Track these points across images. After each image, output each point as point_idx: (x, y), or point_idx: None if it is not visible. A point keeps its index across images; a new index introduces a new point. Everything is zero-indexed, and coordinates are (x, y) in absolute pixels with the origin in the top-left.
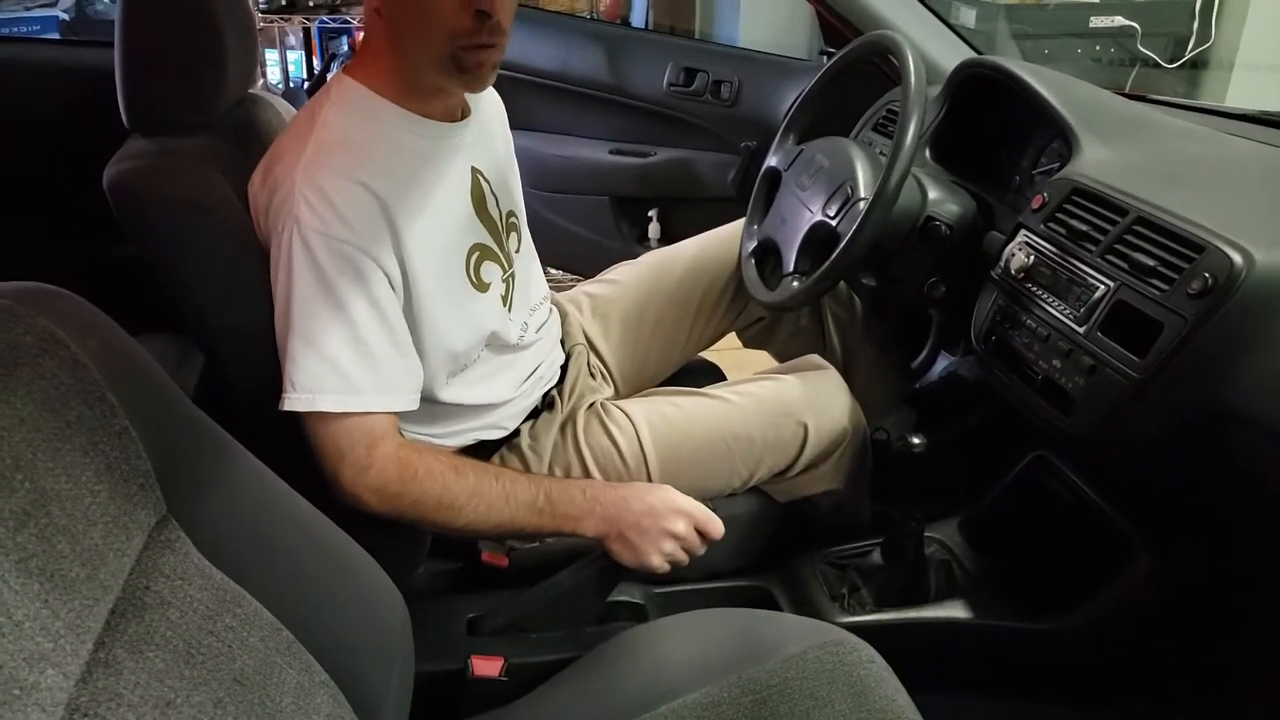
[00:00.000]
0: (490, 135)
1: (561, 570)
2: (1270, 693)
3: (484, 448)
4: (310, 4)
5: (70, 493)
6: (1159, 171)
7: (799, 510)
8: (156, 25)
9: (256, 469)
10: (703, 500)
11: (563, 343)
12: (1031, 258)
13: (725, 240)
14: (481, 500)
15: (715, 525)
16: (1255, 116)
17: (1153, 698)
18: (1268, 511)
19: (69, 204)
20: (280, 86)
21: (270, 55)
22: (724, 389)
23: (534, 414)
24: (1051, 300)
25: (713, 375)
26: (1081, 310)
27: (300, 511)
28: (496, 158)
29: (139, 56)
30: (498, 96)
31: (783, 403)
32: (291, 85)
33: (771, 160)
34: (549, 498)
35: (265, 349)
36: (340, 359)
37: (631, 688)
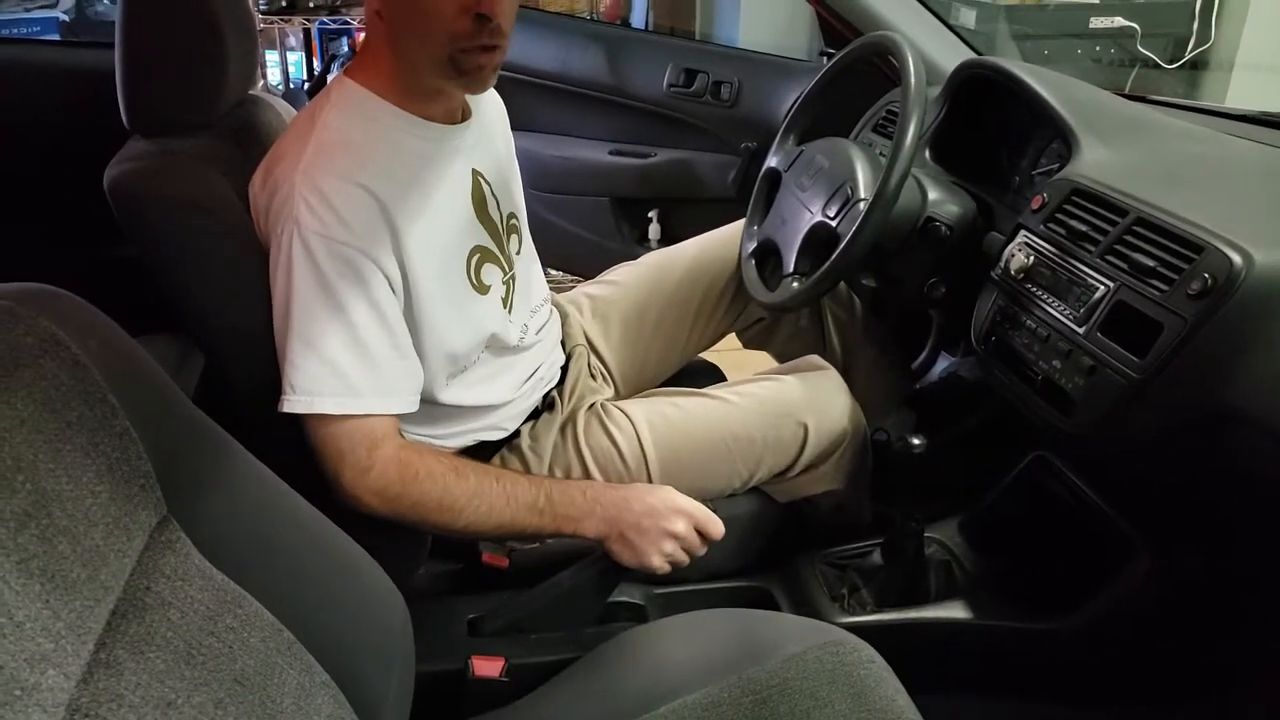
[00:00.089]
0: (491, 137)
1: (562, 571)
2: (1270, 693)
3: (484, 449)
4: (310, 5)
5: (71, 494)
6: (1159, 172)
7: (799, 510)
8: (157, 26)
9: (257, 470)
10: (703, 501)
11: (563, 344)
12: (1031, 258)
13: (725, 241)
14: (482, 501)
15: (715, 525)
16: (1255, 117)
17: (1153, 698)
18: (1268, 511)
19: (69, 205)
20: (280, 88)
21: (270, 56)
22: (724, 389)
23: (534, 415)
24: (1051, 301)
25: (713, 376)
26: (1081, 311)
27: (300, 512)
28: (497, 159)
29: (139, 57)
30: (499, 98)
31: (783, 403)
32: (291, 86)
33: (771, 161)
34: (549, 499)
35: (265, 349)
36: (340, 361)
37: (632, 688)
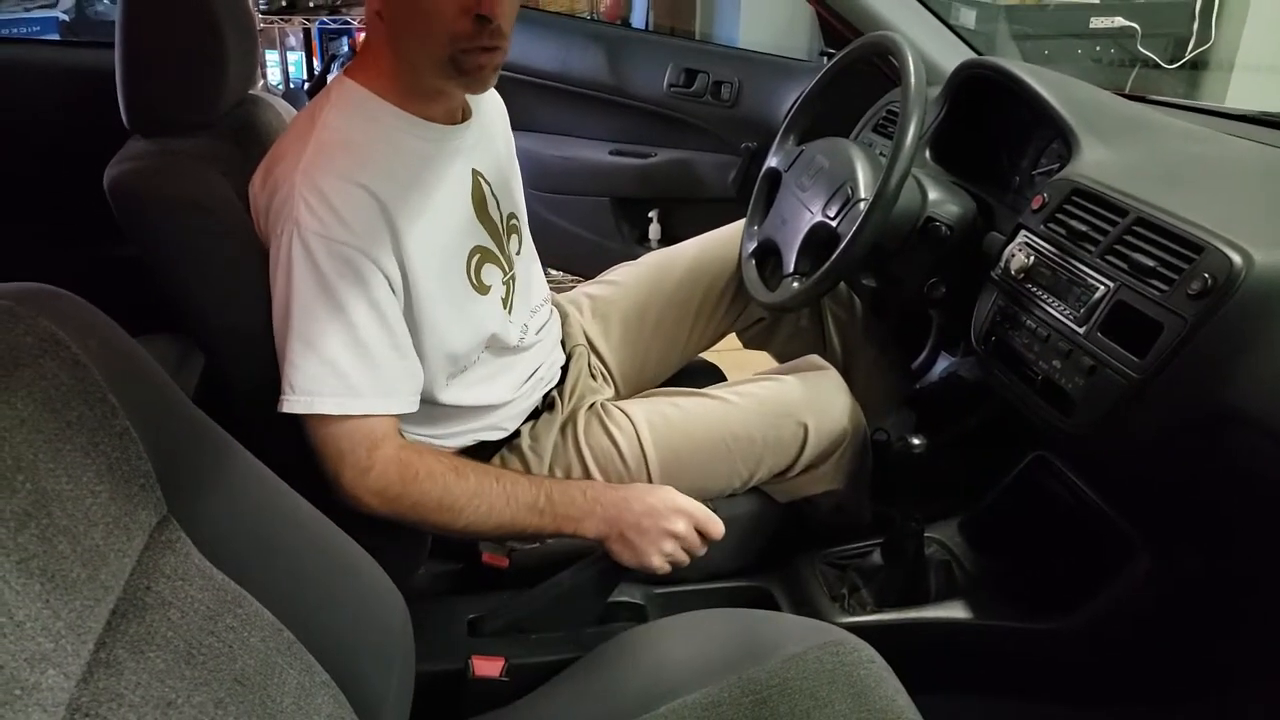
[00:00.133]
0: (491, 137)
1: (562, 571)
2: (1270, 693)
3: (484, 449)
4: (310, 5)
5: (71, 493)
6: (1159, 172)
7: (799, 510)
8: (157, 26)
9: (257, 469)
10: (703, 500)
11: (563, 344)
12: (1031, 258)
13: (725, 241)
14: (482, 501)
15: (715, 525)
16: (1255, 117)
17: (1153, 698)
18: (1268, 511)
19: (69, 205)
20: (280, 87)
21: (270, 56)
22: (724, 389)
23: (534, 415)
24: (1051, 301)
25: (713, 376)
26: (1081, 311)
27: (301, 512)
28: (498, 159)
29: (139, 57)
30: (499, 98)
31: (783, 403)
32: (291, 86)
33: (772, 161)
34: (549, 498)
35: (265, 349)
36: (340, 361)
37: (632, 688)
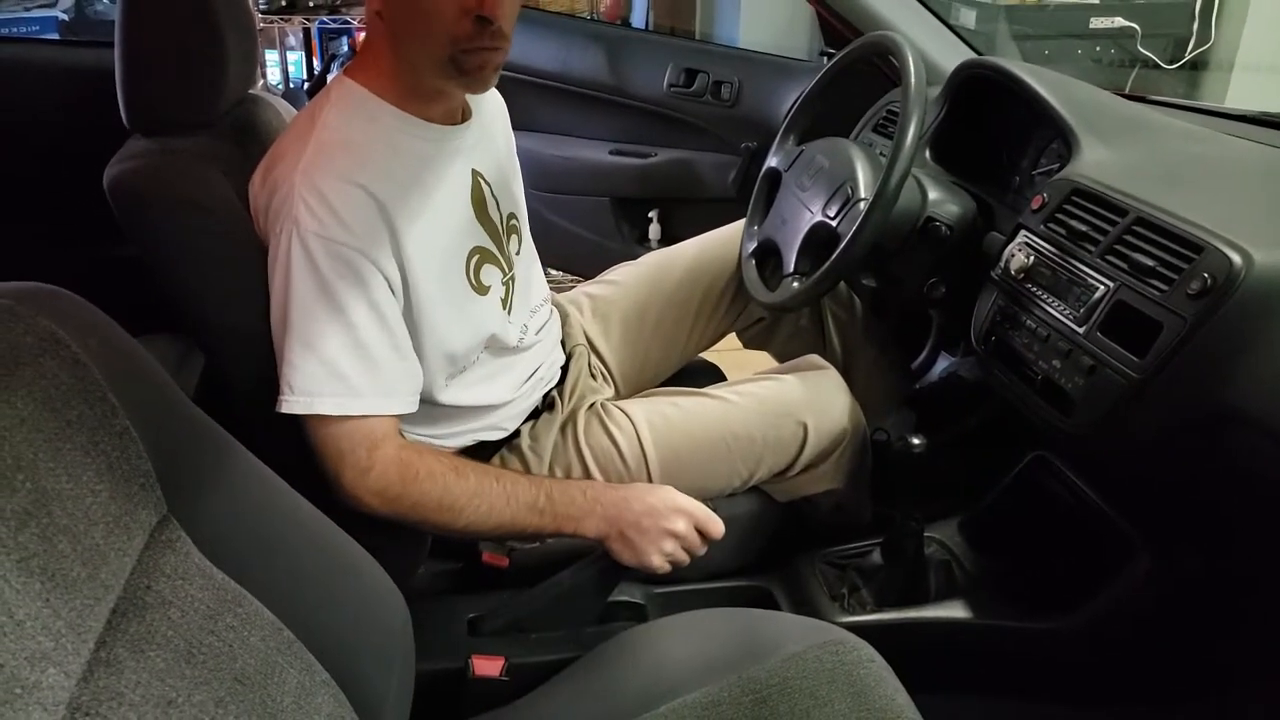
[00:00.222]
0: (492, 137)
1: (562, 570)
2: (1270, 693)
3: (484, 449)
4: (310, 4)
5: (71, 492)
6: (1159, 172)
7: (799, 510)
8: (157, 25)
9: (257, 469)
10: (703, 500)
11: (563, 344)
12: (1031, 258)
13: (725, 241)
14: (482, 501)
15: (715, 525)
16: (1255, 117)
17: (1153, 698)
18: (1268, 511)
19: (69, 204)
20: (280, 87)
21: (270, 56)
22: (724, 389)
23: (534, 415)
24: (1051, 300)
25: (713, 376)
26: (1081, 310)
27: (301, 511)
28: (498, 160)
29: (139, 56)
30: (500, 98)
31: (783, 402)
32: (291, 86)
33: (772, 161)
34: (550, 498)
35: (265, 349)
36: (339, 362)
37: (632, 687)
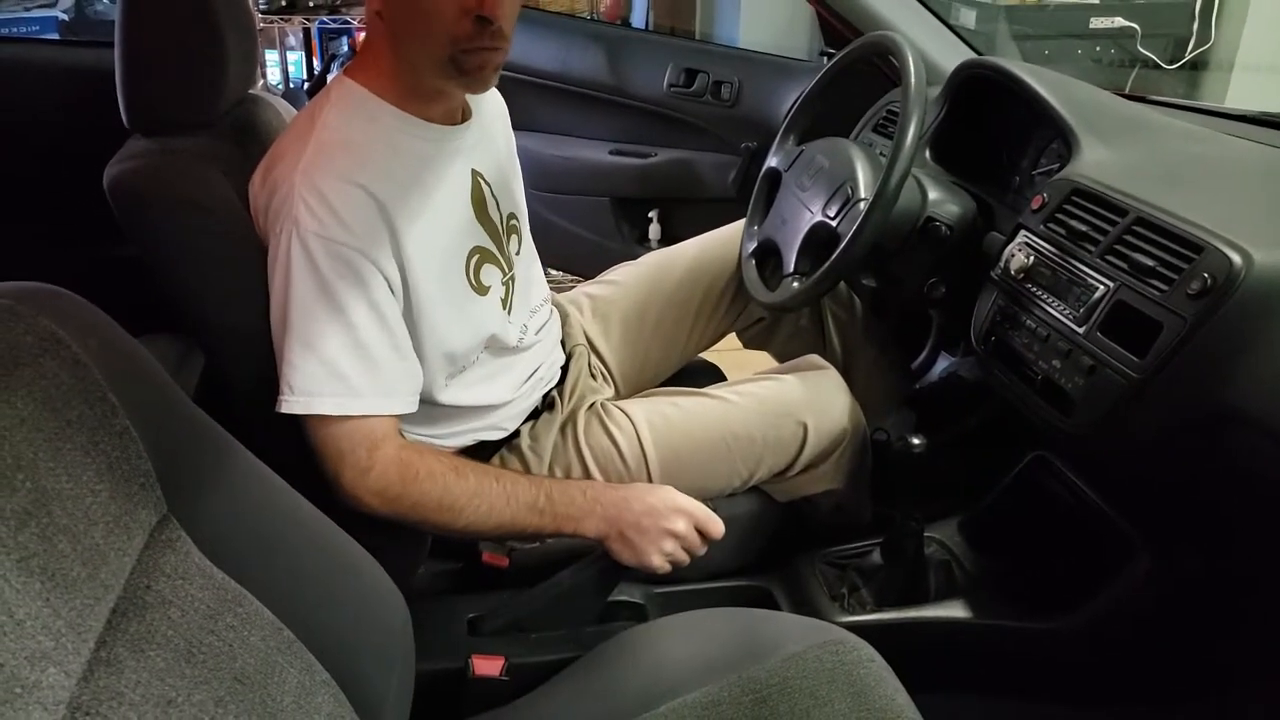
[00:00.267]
0: (492, 137)
1: (562, 570)
2: (1270, 693)
3: (484, 448)
4: (310, 4)
5: (71, 492)
6: (1159, 172)
7: (799, 510)
8: (157, 25)
9: (257, 469)
10: (703, 500)
11: (563, 344)
12: (1031, 258)
13: (725, 241)
14: (482, 501)
15: (715, 525)
16: (1255, 117)
17: (1153, 698)
18: (1268, 511)
19: (69, 204)
20: (280, 87)
21: (270, 56)
22: (724, 389)
23: (534, 415)
24: (1051, 300)
25: (713, 376)
26: (1081, 310)
27: (301, 511)
28: (498, 160)
29: (139, 56)
30: (500, 98)
31: (783, 402)
32: (291, 86)
33: (772, 161)
34: (549, 498)
35: (266, 349)
36: (339, 362)
37: (632, 687)
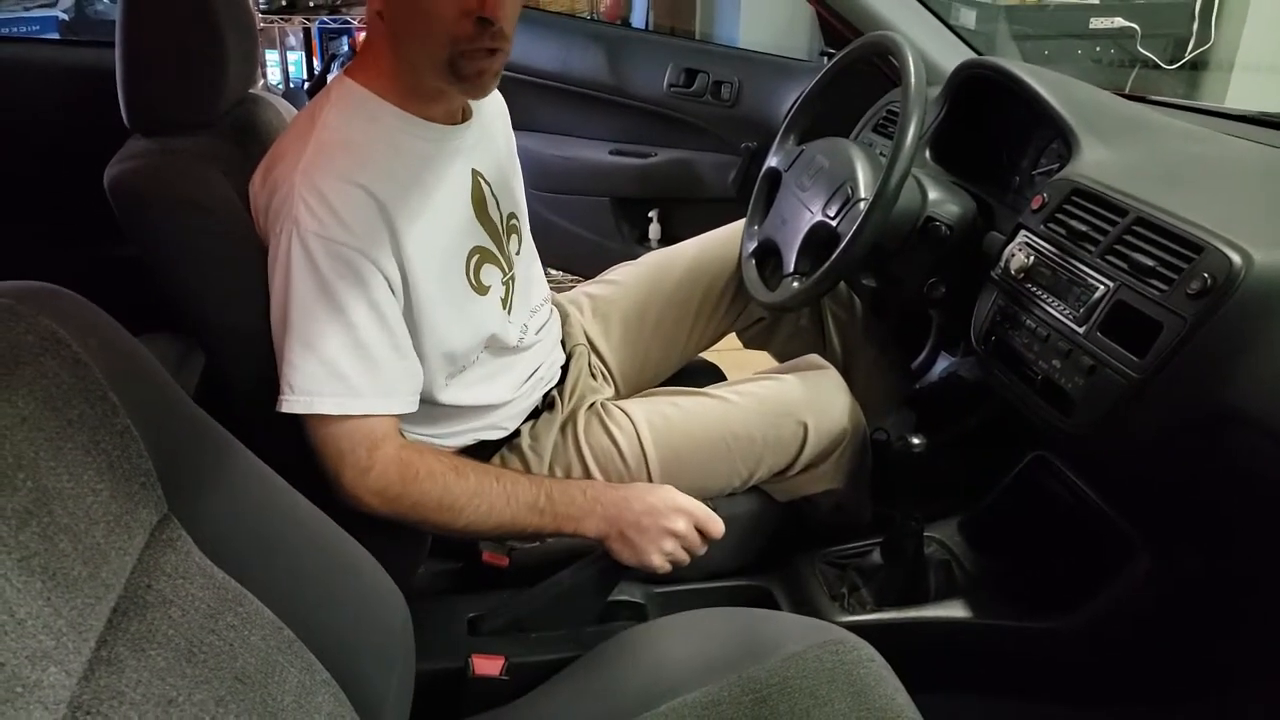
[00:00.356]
0: (492, 136)
1: (562, 570)
2: (1270, 693)
3: (484, 448)
4: (311, 4)
5: (72, 491)
6: (1159, 172)
7: (799, 510)
8: (157, 25)
9: (258, 468)
10: (703, 500)
11: (563, 343)
12: (1031, 258)
13: (725, 241)
14: (483, 501)
15: (716, 524)
16: (1255, 117)
17: (1153, 698)
18: (1268, 511)
19: (70, 204)
20: (280, 87)
21: (270, 56)
22: (724, 389)
23: (534, 414)
24: (1051, 300)
25: (713, 376)
26: (1081, 310)
27: (301, 511)
28: (498, 159)
29: (140, 56)
30: (501, 98)
31: (783, 402)
32: (291, 86)
33: (772, 161)
34: (550, 498)
35: (266, 349)
36: (339, 362)
37: (632, 687)
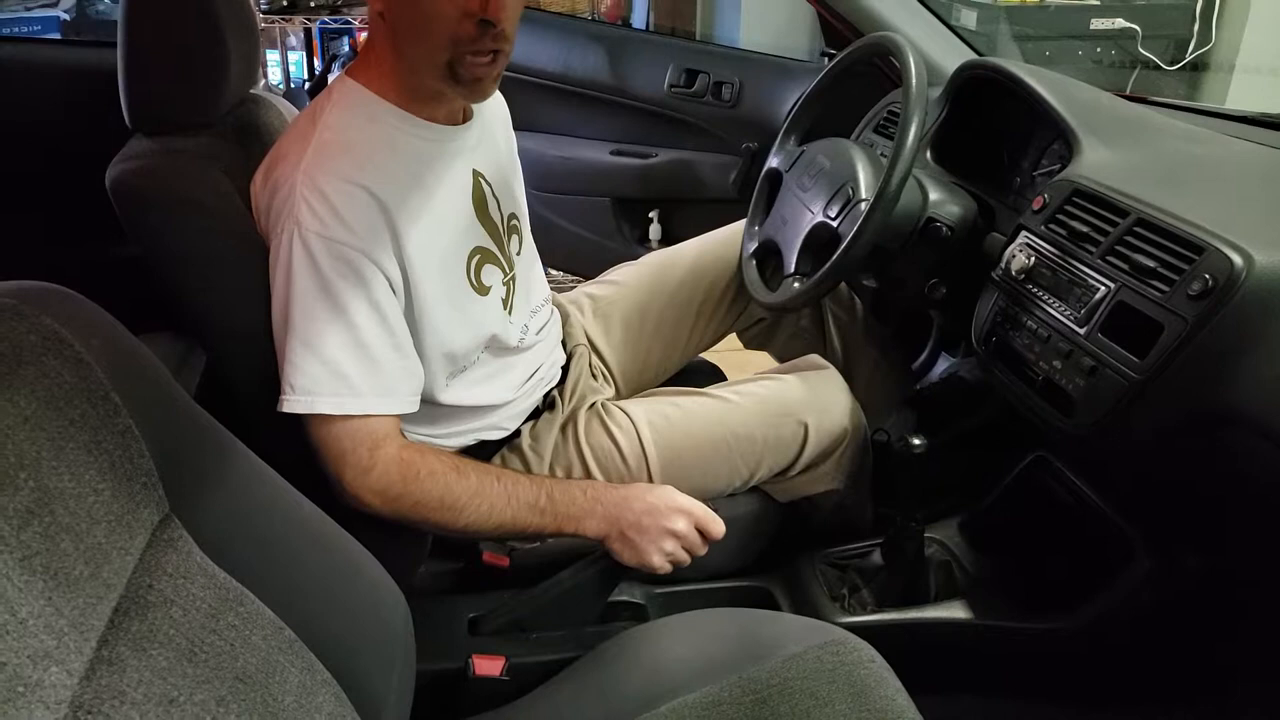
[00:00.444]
0: (493, 137)
1: (562, 570)
2: (1270, 693)
3: (485, 448)
4: (312, 4)
5: (73, 491)
6: (1159, 173)
7: (800, 510)
8: (159, 25)
9: (259, 468)
10: (704, 500)
11: (564, 344)
12: (1032, 259)
13: (726, 241)
14: (483, 501)
15: (716, 525)
16: (1255, 118)
17: (1153, 698)
18: (1267, 512)
19: (71, 204)
20: (281, 87)
21: (271, 56)
22: (725, 389)
23: (535, 414)
24: (1052, 301)
25: (713, 376)
26: (1082, 311)
27: (302, 511)
28: (499, 160)
29: (141, 56)
30: (501, 98)
31: (783, 402)
32: (292, 86)
33: (773, 161)
34: (550, 498)
35: (267, 348)
36: (340, 362)
37: (632, 687)
